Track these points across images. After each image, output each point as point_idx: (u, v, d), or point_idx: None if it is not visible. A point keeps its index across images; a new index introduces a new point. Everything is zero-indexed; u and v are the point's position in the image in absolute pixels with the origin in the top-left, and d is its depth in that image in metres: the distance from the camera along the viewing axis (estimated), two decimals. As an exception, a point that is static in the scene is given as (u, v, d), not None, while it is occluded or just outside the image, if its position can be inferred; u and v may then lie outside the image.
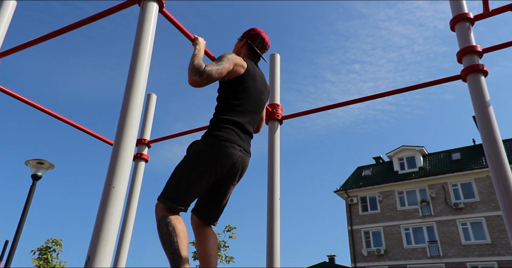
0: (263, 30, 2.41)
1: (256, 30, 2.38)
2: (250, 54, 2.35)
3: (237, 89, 2.09)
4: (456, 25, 2.32)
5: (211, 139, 1.95)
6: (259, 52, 2.35)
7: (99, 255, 1.34)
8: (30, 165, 8.16)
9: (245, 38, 2.36)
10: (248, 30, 2.40)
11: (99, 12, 2.22)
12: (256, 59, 2.37)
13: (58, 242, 13.84)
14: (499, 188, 1.88)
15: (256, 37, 2.35)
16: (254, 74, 2.17)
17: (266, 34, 2.39)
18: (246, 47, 2.36)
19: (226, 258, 15.12)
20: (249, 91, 2.12)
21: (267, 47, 2.41)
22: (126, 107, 1.64)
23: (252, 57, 2.36)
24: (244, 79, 2.10)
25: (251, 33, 2.36)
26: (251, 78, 2.14)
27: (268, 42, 2.40)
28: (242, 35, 2.41)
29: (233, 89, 2.09)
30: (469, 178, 23.65)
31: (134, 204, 3.35)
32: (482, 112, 2.05)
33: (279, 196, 2.75)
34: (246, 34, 2.37)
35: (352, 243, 25.97)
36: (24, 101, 2.86)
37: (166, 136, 3.64)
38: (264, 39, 2.36)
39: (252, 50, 2.35)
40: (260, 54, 2.36)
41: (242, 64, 2.13)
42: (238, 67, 2.10)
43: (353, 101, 2.86)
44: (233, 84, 2.09)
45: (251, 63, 2.22)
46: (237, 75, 2.09)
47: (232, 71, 2.09)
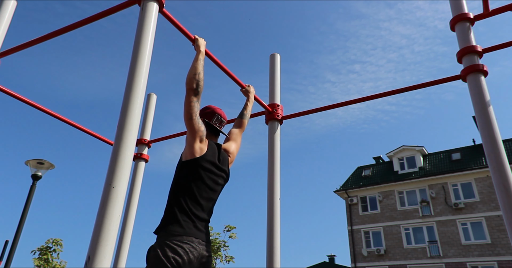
0: (216, 106, 2.43)
1: (210, 108, 2.40)
2: (210, 132, 2.34)
3: (195, 171, 2.06)
4: (456, 25, 2.32)
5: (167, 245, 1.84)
6: (219, 128, 2.36)
7: (99, 255, 1.34)
8: (30, 165, 8.16)
9: (202, 118, 2.34)
10: (202, 109, 2.40)
11: (99, 12, 2.22)
12: (215, 137, 2.39)
13: (58, 242, 13.84)
14: (499, 188, 1.88)
15: (212, 114, 2.36)
16: (211, 157, 2.15)
17: (220, 109, 2.42)
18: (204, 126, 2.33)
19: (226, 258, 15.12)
20: (206, 174, 2.09)
21: (225, 122, 2.44)
22: (126, 107, 1.64)
23: (211, 135, 2.36)
24: (201, 162, 2.08)
25: (206, 111, 2.37)
26: (209, 162, 2.12)
27: (225, 116, 2.43)
28: None
29: (191, 169, 2.06)
30: (469, 178, 23.65)
31: (134, 204, 3.35)
32: (482, 112, 2.05)
33: (279, 196, 2.75)
34: (201, 113, 2.37)
35: (352, 243, 25.96)
36: (24, 101, 2.86)
37: (166, 136, 3.64)
38: (220, 115, 2.39)
39: (211, 128, 2.35)
40: (220, 130, 2.37)
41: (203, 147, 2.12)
42: (199, 147, 2.09)
43: (353, 101, 2.86)
44: (192, 164, 2.06)
45: (211, 146, 2.20)
46: (194, 157, 2.07)
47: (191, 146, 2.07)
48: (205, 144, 2.14)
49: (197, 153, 2.08)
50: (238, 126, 2.61)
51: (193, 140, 2.07)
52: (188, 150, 2.08)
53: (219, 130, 2.38)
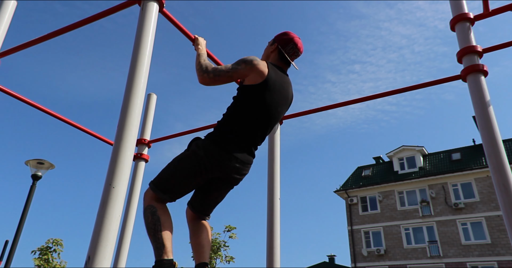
0: (296, 35, 2.27)
1: (289, 35, 2.24)
2: (279, 60, 2.21)
3: (252, 99, 1.98)
4: (456, 25, 2.32)
5: (212, 145, 1.91)
6: (289, 59, 2.21)
7: (99, 255, 1.34)
8: (30, 165, 8.16)
9: (276, 43, 2.22)
10: (280, 34, 2.25)
11: (99, 12, 2.22)
12: (285, 66, 2.23)
13: (58, 242, 13.84)
14: (499, 188, 1.88)
15: (288, 42, 2.21)
16: (274, 85, 2.03)
17: (299, 39, 2.26)
18: (276, 52, 2.22)
19: (226, 258, 15.12)
20: (265, 103, 1.99)
21: (300, 53, 2.27)
22: (126, 107, 1.64)
23: (281, 63, 2.21)
24: (260, 90, 1.98)
25: (283, 37, 2.22)
26: (269, 89, 2.00)
27: (301, 48, 2.26)
28: (273, 39, 2.27)
29: (248, 97, 1.99)
30: (469, 178, 23.65)
31: (134, 204, 3.35)
32: (482, 112, 2.05)
33: (279, 196, 2.75)
34: (278, 38, 2.23)
35: (352, 243, 25.96)
36: (24, 101, 2.86)
37: (166, 136, 3.64)
38: (296, 45, 2.22)
39: (282, 56, 2.20)
40: (290, 61, 2.22)
41: (263, 71, 1.99)
42: (256, 74, 1.98)
43: (353, 101, 2.86)
44: (249, 92, 1.99)
45: (275, 72, 2.07)
46: (254, 83, 1.98)
47: (249, 78, 1.99)
48: (265, 66, 2.01)
49: (259, 79, 1.98)
50: None
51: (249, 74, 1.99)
52: (249, 79, 2.00)
53: (290, 61, 2.21)
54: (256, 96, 1.98)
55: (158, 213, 1.87)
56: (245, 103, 1.99)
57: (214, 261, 14.93)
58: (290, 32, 2.27)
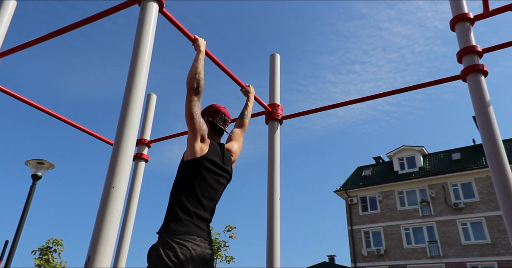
0: (221, 105, 2.42)
1: (214, 107, 2.38)
2: (213, 131, 2.33)
3: (196, 171, 2.05)
4: (456, 25, 2.32)
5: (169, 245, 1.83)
6: (222, 128, 2.34)
7: (99, 255, 1.34)
8: (30, 165, 8.16)
9: (206, 116, 2.33)
10: (206, 108, 2.39)
11: (99, 12, 2.22)
12: (218, 136, 2.37)
13: (59, 242, 13.84)
14: (499, 188, 1.88)
15: (216, 113, 2.35)
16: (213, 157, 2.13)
17: (225, 108, 2.41)
18: (208, 124, 2.32)
19: (226, 258, 15.12)
20: (208, 175, 2.07)
21: (229, 121, 2.42)
22: (126, 107, 1.64)
23: (214, 134, 2.34)
24: (202, 162, 2.06)
25: (210, 110, 2.36)
26: (210, 162, 2.10)
27: (229, 115, 2.41)
28: (202, 113, 2.37)
29: (192, 170, 2.05)
30: (469, 178, 23.64)
31: (134, 204, 3.35)
32: (482, 112, 2.05)
33: (279, 196, 2.75)
34: (206, 112, 2.36)
35: (352, 243, 25.96)
36: (24, 101, 2.86)
37: (166, 136, 3.64)
38: (224, 114, 2.37)
39: (214, 127, 2.34)
40: (223, 130, 2.35)
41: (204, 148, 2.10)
42: (200, 147, 2.08)
43: (353, 101, 2.86)
44: (193, 164, 2.05)
45: (213, 146, 2.18)
46: (194, 157, 2.05)
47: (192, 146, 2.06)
48: (207, 144, 2.13)
49: (198, 153, 2.07)
50: (240, 126, 2.62)
51: (194, 140, 2.07)
52: (190, 149, 2.08)
53: (223, 129, 2.36)
54: (198, 171, 2.05)
55: None
56: (188, 180, 2.04)
57: (215, 261, 14.93)
58: (214, 104, 2.42)
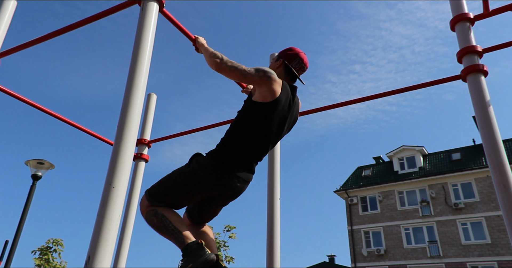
0: (301, 50, 2.24)
1: (294, 50, 2.20)
2: (286, 76, 2.16)
3: (259, 118, 1.94)
4: (456, 25, 2.31)
5: (214, 164, 1.88)
6: (297, 74, 2.16)
7: (99, 255, 1.34)
8: (30, 165, 8.16)
9: (282, 59, 2.17)
10: (285, 50, 2.22)
11: (99, 12, 2.22)
12: (292, 81, 2.19)
13: (59, 242, 13.84)
14: (499, 188, 1.88)
15: (294, 57, 2.16)
16: (283, 107, 2.00)
17: (305, 54, 2.23)
18: (282, 68, 2.16)
19: (226, 258, 15.11)
20: (271, 124, 1.96)
21: (305, 68, 2.23)
22: (126, 107, 1.64)
23: (288, 79, 2.16)
24: (269, 110, 1.94)
25: (289, 53, 2.18)
26: (277, 111, 1.97)
27: (307, 63, 2.23)
28: (278, 55, 2.22)
29: (255, 115, 1.95)
30: (469, 178, 23.64)
31: (134, 204, 3.35)
32: (482, 112, 2.05)
33: (279, 196, 2.75)
34: (283, 54, 2.19)
35: (352, 243, 25.96)
36: (24, 101, 2.86)
37: (166, 136, 3.64)
38: (302, 60, 2.19)
39: (289, 71, 2.15)
40: (298, 77, 2.18)
41: (275, 91, 1.94)
42: (267, 91, 1.93)
43: (353, 101, 2.86)
44: (258, 109, 1.95)
45: (286, 92, 2.02)
46: (263, 101, 1.94)
47: (260, 92, 1.94)
48: (279, 85, 1.96)
49: (269, 97, 1.93)
50: None
51: (262, 84, 1.92)
52: (259, 94, 1.94)
53: (297, 75, 2.17)
54: (263, 116, 1.94)
55: (159, 210, 1.87)
56: (251, 122, 1.96)
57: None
58: (295, 48, 2.23)
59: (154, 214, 1.86)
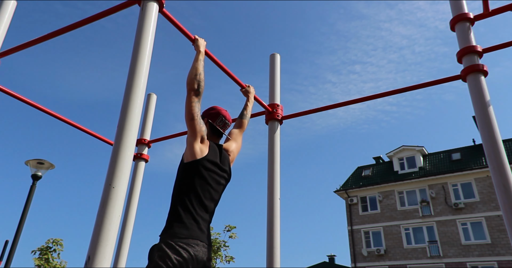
0: (222, 108, 2.41)
1: (215, 109, 2.37)
2: (212, 134, 2.33)
3: (196, 172, 2.04)
4: (456, 25, 2.32)
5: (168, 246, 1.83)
6: (221, 131, 2.34)
7: (99, 255, 1.34)
8: (30, 165, 8.15)
9: (206, 118, 2.33)
10: (207, 110, 2.39)
11: (99, 12, 2.22)
12: (217, 138, 2.36)
13: (59, 242, 13.84)
14: (499, 188, 1.88)
15: (217, 116, 2.34)
16: (213, 159, 2.13)
17: (226, 111, 2.40)
18: (208, 126, 2.32)
19: (226, 258, 15.12)
20: (209, 176, 2.07)
21: (229, 124, 2.41)
22: (126, 107, 1.64)
23: (214, 136, 2.34)
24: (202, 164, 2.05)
25: (211, 112, 2.35)
26: (210, 164, 2.10)
27: (230, 119, 2.41)
28: (202, 115, 2.37)
29: (192, 171, 2.04)
30: (469, 178, 23.64)
31: (134, 204, 3.35)
32: (482, 112, 2.05)
33: (279, 196, 2.75)
34: (206, 113, 2.35)
35: (352, 243, 25.96)
36: (24, 101, 2.86)
37: (166, 136, 3.64)
38: (225, 117, 2.36)
39: (214, 129, 2.33)
40: (223, 133, 2.35)
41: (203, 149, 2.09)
42: (199, 147, 2.07)
43: (353, 101, 2.86)
44: (193, 166, 2.04)
45: (212, 147, 2.17)
46: (194, 159, 2.04)
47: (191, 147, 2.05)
48: (206, 145, 2.12)
49: (198, 154, 2.06)
50: (239, 127, 2.62)
51: (194, 141, 2.06)
52: (189, 151, 2.07)
53: (222, 132, 2.36)
54: (199, 172, 2.04)
55: None
56: (189, 182, 2.03)
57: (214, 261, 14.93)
58: (216, 107, 2.40)
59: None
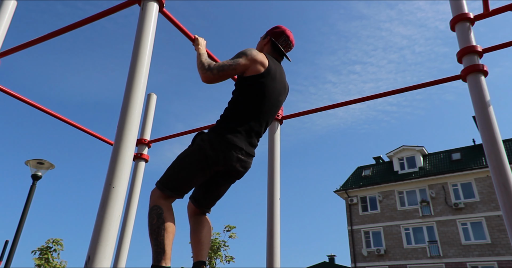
0: (288, 28, 2.33)
1: (280, 28, 2.30)
2: (273, 53, 2.26)
3: (255, 88, 2.01)
4: (456, 25, 2.31)
5: (217, 138, 1.92)
6: (283, 50, 2.26)
7: (99, 255, 1.34)
8: (30, 165, 8.15)
9: (269, 36, 2.27)
10: (272, 28, 2.32)
11: (99, 12, 2.22)
12: (279, 58, 2.29)
13: (58, 242, 13.84)
14: (499, 188, 1.88)
15: (281, 35, 2.26)
16: (274, 74, 2.09)
17: (291, 32, 2.31)
18: (269, 45, 2.27)
19: (226, 257, 15.12)
20: (267, 91, 2.04)
21: (292, 46, 2.33)
22: (126, 107, 1.64)
23: (275, 55, 2.27)
24: (263, 78, 2.02)
25: (276, 31, 2.28)
26: (271, 78, 2.06)
27: (293, 40, 2.32)
28: (266, 33, 2.32)
29: (250, 87, 2.02)
30: (469, 178, 23.64)
31: (134, 204, 3.35)
32: (482, 112, 2.05)
33: (279, 196, 2.75)
34: (270, 32, 2.29)
35: (352, 243, 25.96)
36: (24, 101, 2.86)
37: (166, 136, 3.64)
38: (289, 37, 2.28)
39: (276, 48, 2.26)
40: (284, 53, 2.28)
41: (263, 62, 2.05)
42: (257, 65, 2.03)
43: (353, 101, 2.85)
44: (251, 82, 2.02)
45: (273, 62, 2.14)
46: (256, 73, 2.02)
47: (251, 69, 2.02)
48: (264, 57, 2.07)
49: (260, 69, 2.03)
50: None
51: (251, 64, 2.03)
52: (250, 69, 2.03)
53: (283, 52, 2.27)
54: (259, 85, 2.02)
55: (163, 215, 1.86)
56: (248, 93, 2.02)
57: (214, 261, 14.93)
58: (281, 26, 2.33)
59: (157, 215, 1.85)
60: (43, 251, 13.41)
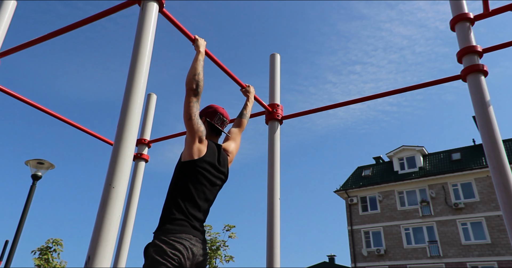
0: (219, 106, 2.42)
1: (212, 107, 2.38)
2: (211, 132, 2.33)
3: (193, 173, 2.04)
4: (456, 25, 2.31)
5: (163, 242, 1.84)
6: (220, 128, 2.34)
7: (99, 255, 1.34)
8: (30, 165, 8.15)
9: (204, 117, 2.33)
10: (205, 109, 2.39)
11: (99, 12, 2.22)
12: (216, 136, 2.37)
13: (58, 242, 13.84)
14: (499, 188, 1.88)
15: (214, 114, 2.34)
16: (211, 159, 2.13)
17: (223, 109, 2.40)
18: (206, 125, 2.33)
19: (226, 257, 15.11)
20: (204, 176, 2.07)
21: (227, 122, 2.42)
22: (126, 107, 1.64)
23: (212, 135, 2.34)
24: (200, 164, 2.06)
25: (209, 111, 2.36)
26: (208, 164, 2.10)
27: (227, 116, 2.41)
28: (200, 114, 2.35)
29: (189, 171, 2.05)
30: (469, 178, 23.64)
31: (134, 204, 3.35)
32: (482, 112, 2.05)
33: (279, 196, 2.75)
34: (204, 112, 2.36)
35: (352, 243, 25.95)
36: (24, 101, 2.86)
37: (166, 136, 3.64)
38: (223, 115, 2.37)
39: (212, 128, 2.33)
40: (221, 130, 2.36)
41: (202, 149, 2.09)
42: (197, 148, 2.07)
43: (353, 101, 2.86)
44: (190, 166, 2.05)
45: (211, 148, 2.17)
46: (192, 158, 2.05)
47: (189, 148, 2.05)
48: (205, 145, 2.12)
49: (196, 154, 2.06)
50: (238, 126, 2.62)
51: (192, 141, 2.06)
52: (187, 150, 2.07)
53: (221, 130, 2.36)
54: (195, 172, 2.05)
55: None
56: (184, 182, 2.04)
57: (214, 261, 14.93)
58: (213, 105, 2.41)
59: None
60: (43, 251, 13.40)
